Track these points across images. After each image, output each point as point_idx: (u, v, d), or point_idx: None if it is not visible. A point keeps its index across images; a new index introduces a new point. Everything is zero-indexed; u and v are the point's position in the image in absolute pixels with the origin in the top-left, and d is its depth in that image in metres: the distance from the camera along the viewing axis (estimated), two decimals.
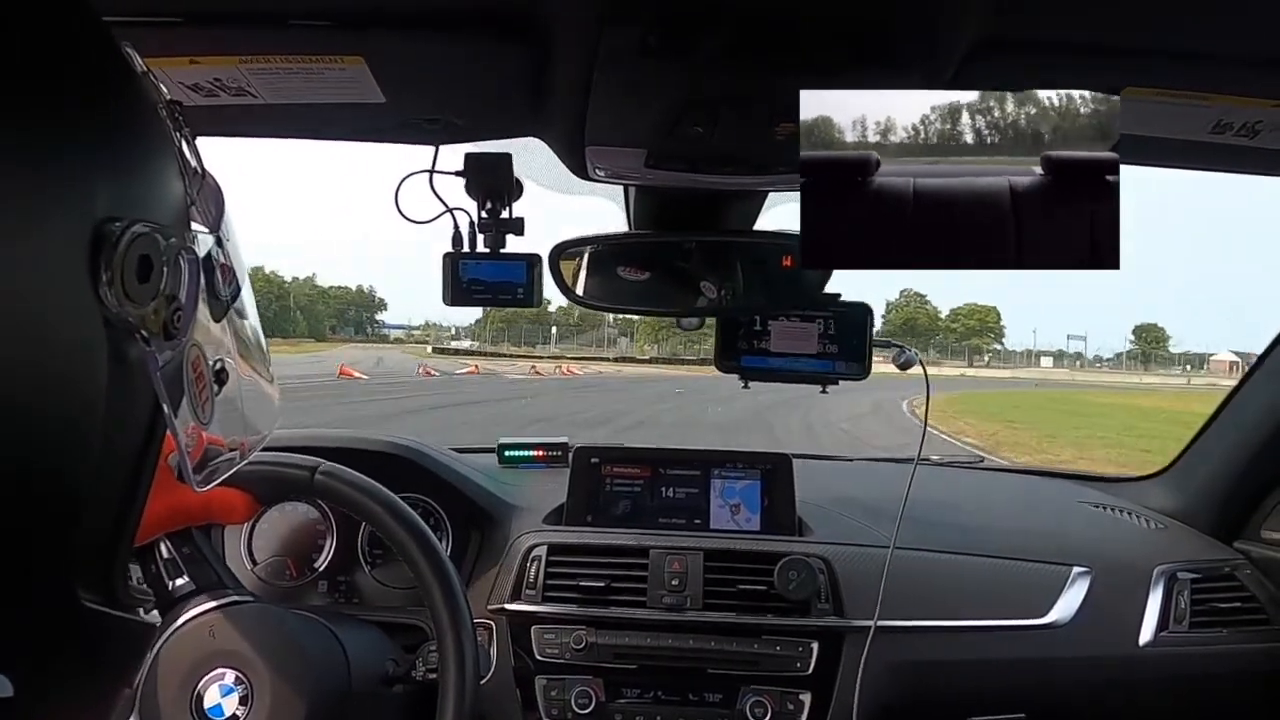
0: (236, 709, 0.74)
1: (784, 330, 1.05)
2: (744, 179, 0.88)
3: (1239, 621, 1.25)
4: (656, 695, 1.15)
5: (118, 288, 0.32)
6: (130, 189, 0.35)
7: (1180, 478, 1.52)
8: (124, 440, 0.38)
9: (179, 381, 0.39)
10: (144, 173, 0.36)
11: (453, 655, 0.77)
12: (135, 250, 0.33)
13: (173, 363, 0.38)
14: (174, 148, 0.38)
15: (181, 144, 0.39)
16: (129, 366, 0.35)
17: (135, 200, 0.35)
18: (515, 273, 0.96)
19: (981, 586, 1.21)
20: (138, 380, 0.36)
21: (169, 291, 0.36)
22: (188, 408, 0.40)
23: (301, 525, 1.25)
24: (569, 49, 0.66)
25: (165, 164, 0.38)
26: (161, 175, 0.37)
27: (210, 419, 0.42)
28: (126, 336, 0.35)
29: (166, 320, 0.36)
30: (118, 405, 0.35)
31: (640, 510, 1.30)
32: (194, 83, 0.73)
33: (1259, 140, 0.75)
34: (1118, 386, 39.85)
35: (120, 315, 0.33)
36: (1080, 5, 0.60)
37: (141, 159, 0.36)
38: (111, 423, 0.35)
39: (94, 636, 0.39)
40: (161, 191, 0.37)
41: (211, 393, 0.43)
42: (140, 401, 0.37)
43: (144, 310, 0.35)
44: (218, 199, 0.44)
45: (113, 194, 0.33)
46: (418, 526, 0.82)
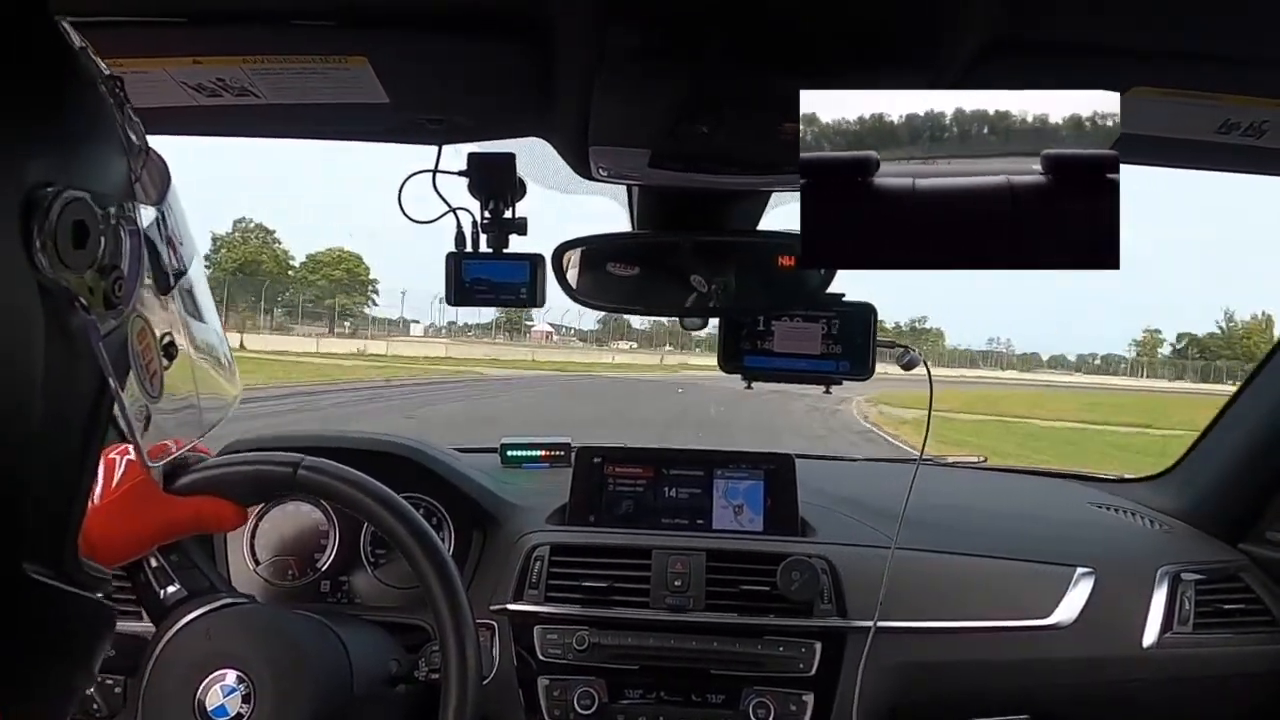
0: (240, 708, 0.74)
1: (787, 331, 1.05)
2: (747, 179, 0.88)
3: (1243, 623, 1.25)
4: (659, 696, 1.15)
5: (51, 253, 0.33)
6: (65, 159, 0.35)
7: (1185, 479, 1.52)
8: (69, 409, 0.38)
9: (124, 354, 0.39)
10: (80, 144, 0.37)
11: (454, 655, 0.77)
12: (69, 216, 0.34)
13: (117, 334, 0.38)
14: (115, 123, 0.39)
15: (124, 120, 0.39)
16: (70, 335, 0.36)
17: (70, 170, 0.35)
18: (518, 272, 0.96)
19: (985, 587, 1.21)
20: (80, 350, 0.36)
21: (109, 261, 0.37)
22: (135, 381, 0.40)
23: (304, 525, 1.25)
24: (572, 49, 0.66)
25: (105, 137, 0.38)
26: (101, 148, 0.38)
27: (159, 393, 0.43)
28: (66, 305, 0.35)
29: (107, 290, 0.37)
30: (60, 374, 0.35)
31: (643, 510, 1.30)
32: (197, 83, 0.73)
33: (1266, 140, 0.74)
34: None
35: (55, 281, 0.34)
36: (1086, 6, 0.60)
37: (76, 131, 0.37)
38: (54, 391, 0.35)
39: (43, 611, 0.38)
40: (101, 163, 0.38)
41: (160, 366, 0.43)
42: (84, 373, 0.38)
43: (81, 277, 0.35)
44: (163, 174, 0.44)
45: (45, 163, 0.34)
46: (409, 515, 0.80)
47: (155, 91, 0.73)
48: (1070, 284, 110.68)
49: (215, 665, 0.75)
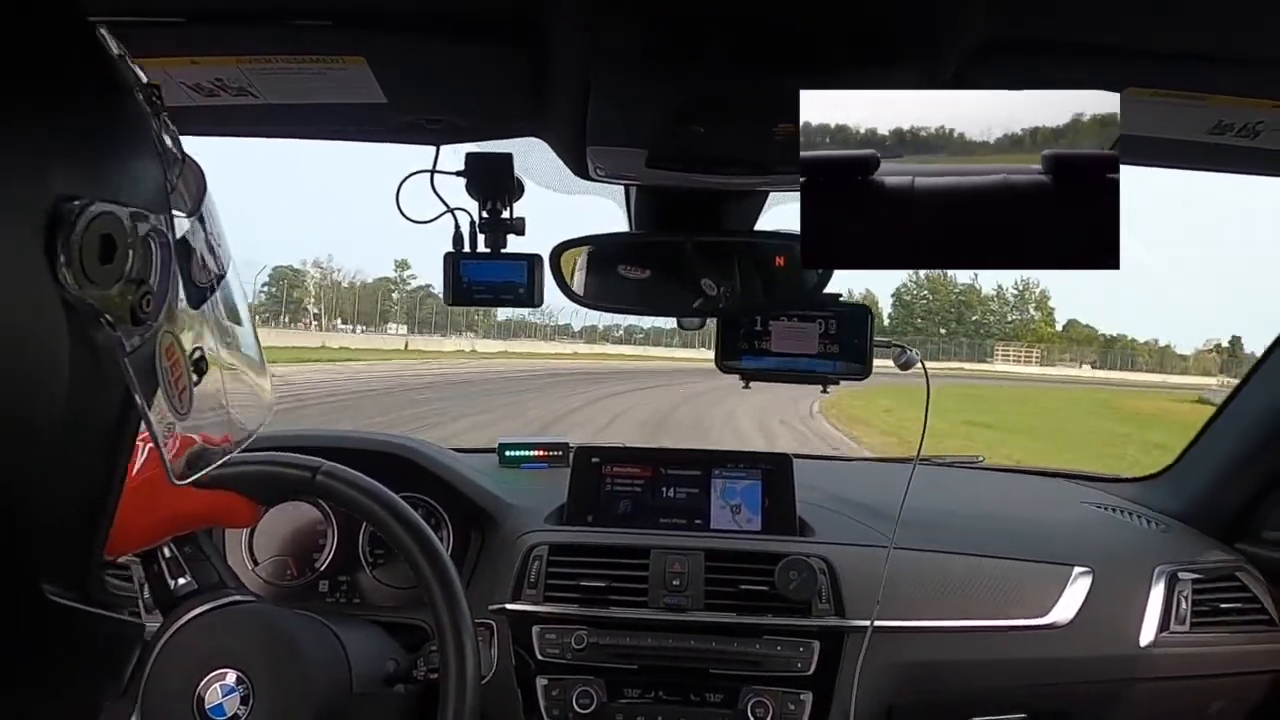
0: (238, 709, 0.74)
1: (784, 330, 1.05)
2: (744, 179, 0.88)
3: (1240, 622, 1.25)
4: (658, 695, 1.15)
5: (76, 268, 0.32)
6: (95, 170, 0.34)
7: (1181, 478, 1.52)
8: (94, 428, 0.36)
9: (152, 370, 0.38)
10: (111, 154, 0.36)
11: (453, 655, 0.77)
12: (96, 230, 0.32)
13: (144, 350, 0.37)
14: (150, 131, 0.38)
15: (161, 128, 0.38)
16: (96, 353, 0.34)
17: (99, 181, 0.34)
18: (516, 273, 0.96)
19: (982, 586, 1.21)
20: (107, 368, 0.35)
21: (136, 275, 0.35)
22: (163, 398, 0.39)
23: (303, 525, 1.25)
24: (569, 50, 0.66)
25: (139, 147, 0.37)
26: (134, 158, 0.37)
27: (188, 411, 0.41)
28: (91, 321, 0.34)
29: (134, 304, 0.35)
30: (85, 393, 0.34)
31: (641, 510, 1.30)
32: (195, 82, 0.73)
33: (1260, 141, 0.74)
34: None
35: (81, 298, 0.32)
36: (1082, 6, 0.60)
37: (109, 141, 0.36)
38: (78, 409, 0.34)
39: (66, 634, 0.38)
40: (132, 174, 0.36)
41: (189, 382, 0.41)
42: (111, 390, 0.36)
43: (108, 293, 0.34)
44: (199, 183, 0.43)
45: (73, 174, 0.32)
46: (419, 527, 0.82)
47: None
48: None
49: (215, 663, 0.75)
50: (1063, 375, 45.45)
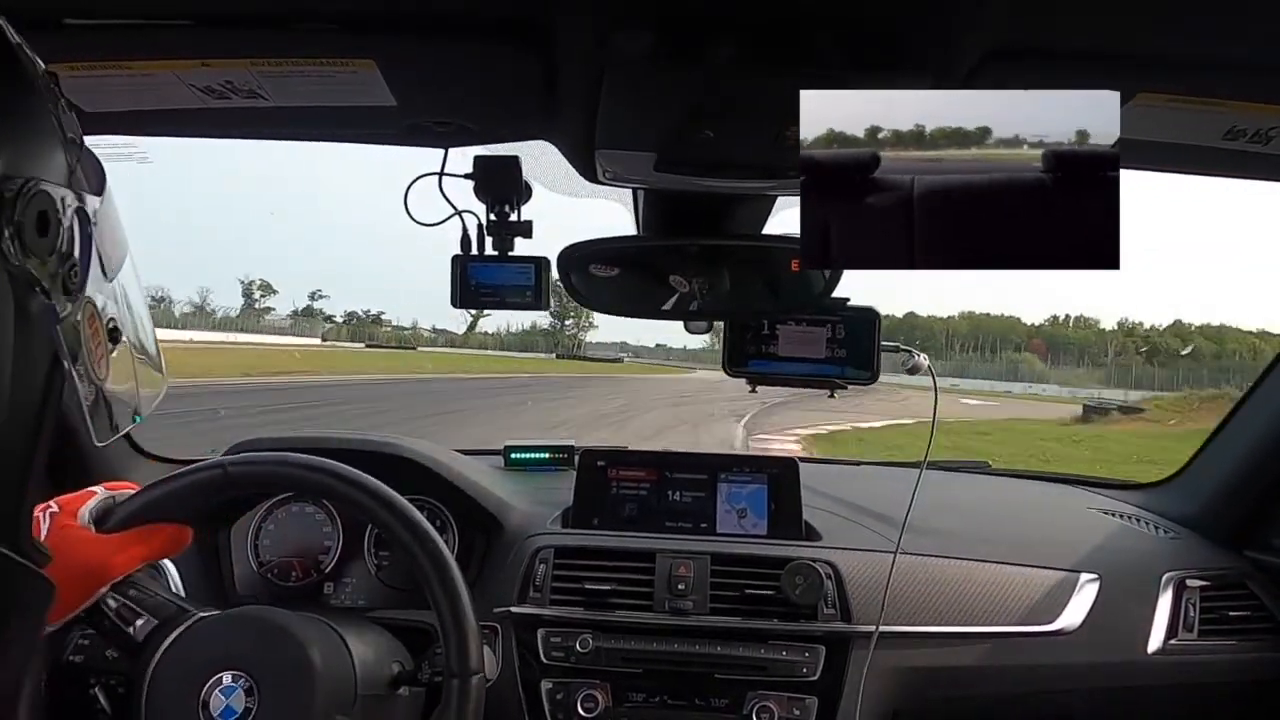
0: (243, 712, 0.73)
1: (792, 335, 1.05)
2: (753, 183, 0.88)
3: (1248, 630, 1.24)
4: (663, 700, 1.14)
5: (18, 241, 0.35)
6: (21, 153, 0.37)
7: (1190, 485, 1.51)
8: (27, 390, 0.40)
9: (78, 337, 0.42)
10: (33, 139, 0.39)
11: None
12: (34, 206, 0.36)
13: (69, 318, 0.41)
14: (53, 118, 0.41)
15: (60, 114, 0.41)
16: (30, 320, 0.38)
17: (28, 163, 0.37)
18: (523, 275, 0.96)
19: (989, 592, 1.21)
20: (38, 333, 0.39)
21: (66, 249, 0.39)
22: (85, 362, 0.43)
23: (307, 527, 1.25)
24: (578, 54, 0.66)
25: (48, 132, 0.40)
26: (46, 142, 0.40)
27: (106, 375, 0.45)
28: (28, 291, 0.37)
29: (65, 276, 0.39)
30: (19, 357, 0.37)
31: (646, 514, 1.30)
32: (205, 85, 0.73)
33: (1272, 147, 0.74)
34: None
35: (22, 268, 0.36)
36: (1093, 12, 0.60)
37: (29, 126, 0.39)
38: (15, 373, 0.37)
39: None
40: (50, 156, 0.40)
41: (106, 350, 0.45)
42: (41, 354, 0.40)
43: (44, 264, 0.37)
44: (97, 167, 0.46)
45: (6, 156, 0.35)
46: (358, 480, 0.80)
47: (163, 93, 0.73)
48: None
49: (219, 668, 0.74)
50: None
